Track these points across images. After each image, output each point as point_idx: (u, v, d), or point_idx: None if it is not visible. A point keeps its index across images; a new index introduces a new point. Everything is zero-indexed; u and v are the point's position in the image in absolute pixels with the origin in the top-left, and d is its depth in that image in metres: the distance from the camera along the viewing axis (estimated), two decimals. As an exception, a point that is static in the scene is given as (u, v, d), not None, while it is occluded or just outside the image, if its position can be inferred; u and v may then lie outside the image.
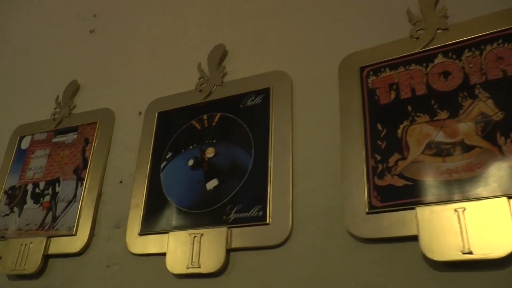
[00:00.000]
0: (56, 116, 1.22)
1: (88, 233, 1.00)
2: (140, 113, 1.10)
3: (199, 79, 1.03)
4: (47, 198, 1.10)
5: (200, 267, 0.82)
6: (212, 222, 0.85)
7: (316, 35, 0.96)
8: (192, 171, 0.93)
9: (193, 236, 0.85)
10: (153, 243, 0.91)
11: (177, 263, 0.85)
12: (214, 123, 0.96)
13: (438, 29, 0.82)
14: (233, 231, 0.83)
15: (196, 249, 0.84)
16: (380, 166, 0.77)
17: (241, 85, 0.97)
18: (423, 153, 0.75)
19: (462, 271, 0.65)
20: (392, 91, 0.82)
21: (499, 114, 0.71)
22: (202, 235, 0.85)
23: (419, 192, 0.72)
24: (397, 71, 0.83)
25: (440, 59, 0.80)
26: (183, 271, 0.84)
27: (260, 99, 0.93)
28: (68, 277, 0.99)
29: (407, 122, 0.78)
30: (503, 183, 0.66)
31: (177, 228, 0.89)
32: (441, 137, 0.74)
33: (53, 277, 1.01)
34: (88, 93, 1.24)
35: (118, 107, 1.15)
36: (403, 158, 0.76)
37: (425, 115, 0.77)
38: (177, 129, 1.00)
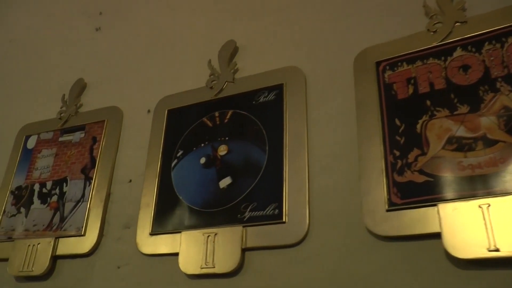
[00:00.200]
0: (62, 115, 1.20)
1: (97, 233, 0.98)
2: (149, 111, 1.08)
3: (210, 76, 1.01)
4: (54, 198, 1.08)
5: (214, 267, 0.80)
6: (226, 221, 0.83)
7: (329, 30, 0.94)
8: (204, 169, 0.91)
9: (206, 235, 0.83)
10: (165, 243, 0.89)
11: (191, 263, 0.83)
12: (226, 120, 0.94)
13: (456, 22, 0.81)
14: (248, 230, 0.81)
15: (210, 249, 0.82)
16: (399, 162, 0.75)
17: (253, 82, 0.95)
18: (443, 148, 0.73)
19: (488, 269, 0.63)
20: (409, 86, 0.80)
21: (523, 107, 0.69)
22: (216, 234, 0.83)
23: (440, 188, 0.70)
24: (414, 65, 0.81)
25: (459, 52, 0.78)
26: (196, 271, 0.82)
27: (273, 95, 0.91)
28: (77, 278, 0.97)
29: (426, 117, 0.76)
30: (529, 177, 0.64)
31: (190, 227, 0.87)
32: (462, 132, 0.73)
33: (61, 278, 0.99)
34: (95, 92, 1.22)
35: (126, 105, 1.13)
36: (423, 153, 0.74)
37: (445, 110, 0.75)
38: (187, 126, 0.98)
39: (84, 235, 0.99)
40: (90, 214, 1.00)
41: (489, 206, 0.65)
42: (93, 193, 1.03)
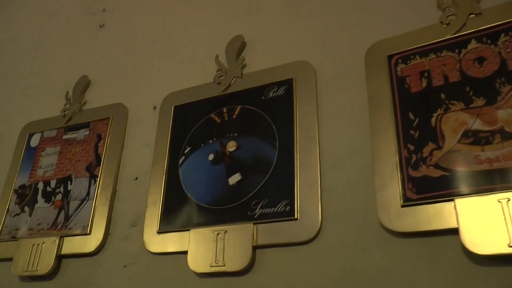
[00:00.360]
0: (66, 112, 1.19)
1: (103, 232, 0.96)
2: (154, 108, 1.06)
3: (217, 71, 1.00)
4: (59, 196, 1.06)
5: (225, 265, 0.78)
6: (236, 218, 0.81)
7: (340, 23, 0.92)
8: (213, 166, 0.90)
9: (216, 233, 0.81)
10: (173, 241, 0.87)
11: (200, 261, 0.81)
12: (234, 116, 0.93)
13: (470, 14, 0.79)
14: (259, 227, 0.79)
15: (220, 247, 0.80)
16: (414, 156, 0.73)
17: (262, 77, 0.93)
18: (459, 142, 0.71)
19: (508, 265, 0.62)
20: (423, 79, 0.79)
21: (542, 99, 0.68)
22: (226, 232, 0.81)
23: (457, 182, 0.68)
24: (427, 58, 0.80)
25: (473, 44, 0.77)
26: (206, 269, 0.80)
27: (282, 90, 0.89)
28: (83, 278, 0.95)
29: (441, 110, 0.75)
30: (550, 171, 0.63)
31: (198, 225, 0.85)
32: (478, 125, 0.71)
33: (67, 278, 0.97)
34: (99, 89, 1.20)
35: (131, 102, 1.11)
36: (439, 147, 0.72)
37: (460, 103, 0.74)
38: (195, 123, 0.97)
39: (89, 234, 0.97)
40: (95, 212, 0.99)
41: (509, 200, 0.63)
42: (99, 191, 1.01)
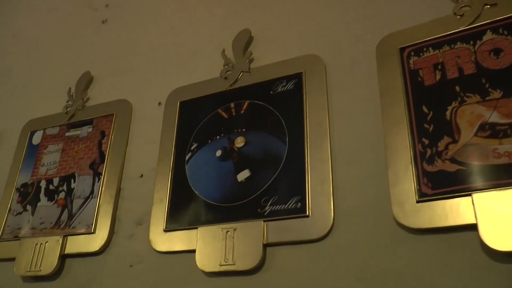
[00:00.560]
0: (68, 109, 1.16)
1: (107, 230, 0.94)
2: (159, 104, 1.04)
3: (224, 66, 0.98)
4: (62, 194, 1.04)
5: (234, 264, 0.76)
6: (246, 215, 0.79)
7: (350, 16, 0.90)
8: (220, 162, 0.87)
9: (225, 231, 0.79)
10: (181, 239, 0.85)
11: (209, 260, 0.79)
12: (242, 111, 0.91)
13: (485, 4, 0.77)
14: (269, 224, 0.77)
15: (229, 245, 0.78)
16: (429, 150, 0.71)
17: (270, 71, 0.91)
18: (476, 135, 0.69)
19: (531, 262, 0.60)
20: (437, 72, 0.77)
21: (562, 90, 0.66)
22: (235, 229, 0.79)
23: (474, 177, 0.66)
24: (441, 50, 0.78)
25: (489, 36, 0.75)
26: (215, 268, 0.78)
27: (292, 84, 0.87)
28: (87, 277, 0.93)
29: (456, 103, 0.73)
30: None
31: (207, 222, 0.83)
32: (495, 118, 0.69)
33: (71, 278, 0.95)
34: (102, 85, 1.18)
35: (135, 98, 1.09)
36: (454, 141, 0.70)
37: (476, 95, 0.72)
38: (201, 118, 0.94)
39: (94, 233, 0.95)
40: (100, 210, 0.96)
41: (530, 194, 0.62)
42: (103, 189, 0.99)
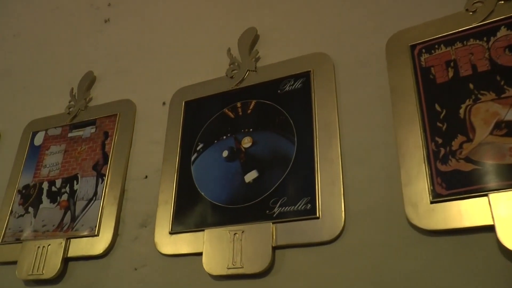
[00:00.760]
0: (71, 109, 1.14)
1: (111, 233, 0.92)
2: (164, 103, 1.02)
3: (230, 65, 0.96)
4: (64, 196, 1.02)
5: (243, 267, 0.74)
6: (254, 217, 0.77)
7: (358, 14, 0.88)
8: (227, 163, 0.86)
9: (233, 233, 0.77)
10: (187, 242, 0.83)
11: (216, 263, 0.77)
12: (249, 111, 0.89)
13: (499, 0, 0.75)
14: (278, 226, 0.75)
15: (237, 248, 0.76)
16: (442, 150, 0.70)
17: (277, 70, 0.89)
18: (491, 134, 0.67)
19: (551, 264, 0.58)
20: (449, 69, 0.75)
21: None
22: (243, 231, 0.77)
23: (491, 177, 0.64)
24: (453, 47, 0.76)
25: (503, 32, 0.73)
26: (223, 272, 0.76)
27: (300, 83, 0.85)
28: (90, 281, 0.91)
29: (469, 101, 0.71)
30: None
31: (213, 225, 0.81)
32: (511, 116, 0.67)
33: (74, 281, 0.93)
34: (105, 84, 1.16)
35: (139, 98, 1.07)
36: (469, 140, 0.68)
37: (491, 93, 0.70)
38: (207, 118, 0.93)
39: (97, 235, 0.93)
40: (103, 212, 0.94)
41: (549, 195, 0.60)
42: (107, 190, 0.97)
